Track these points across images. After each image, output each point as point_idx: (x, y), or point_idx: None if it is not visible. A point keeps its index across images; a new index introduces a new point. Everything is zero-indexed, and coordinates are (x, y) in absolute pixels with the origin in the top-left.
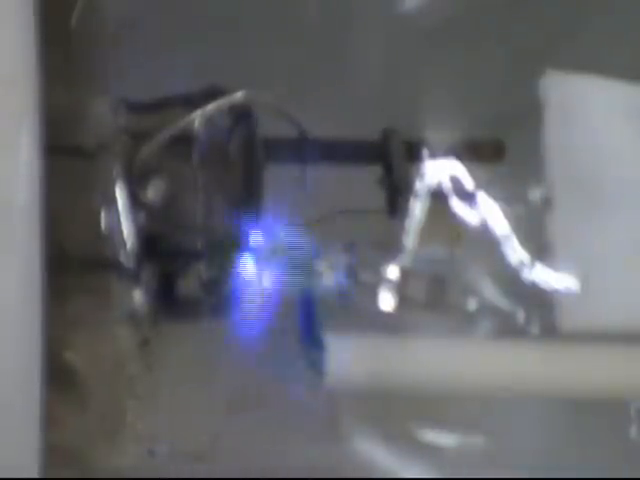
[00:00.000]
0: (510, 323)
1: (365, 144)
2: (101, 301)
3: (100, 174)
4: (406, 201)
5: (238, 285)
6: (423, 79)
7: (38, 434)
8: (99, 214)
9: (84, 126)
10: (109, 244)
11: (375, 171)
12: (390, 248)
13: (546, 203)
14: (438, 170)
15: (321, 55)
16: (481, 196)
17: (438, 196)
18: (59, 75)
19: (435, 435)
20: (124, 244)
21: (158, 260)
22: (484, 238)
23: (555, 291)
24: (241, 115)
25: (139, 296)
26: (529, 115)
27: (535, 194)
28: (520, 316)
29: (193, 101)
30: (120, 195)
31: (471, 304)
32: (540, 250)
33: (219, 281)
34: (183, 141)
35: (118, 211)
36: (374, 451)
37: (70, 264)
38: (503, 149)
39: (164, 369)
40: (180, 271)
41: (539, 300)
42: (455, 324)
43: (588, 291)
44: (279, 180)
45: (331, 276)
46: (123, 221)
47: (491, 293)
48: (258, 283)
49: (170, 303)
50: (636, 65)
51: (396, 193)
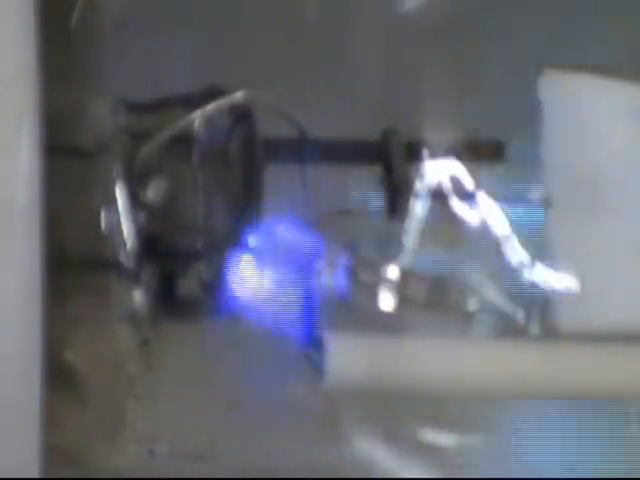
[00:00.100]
0: (510, 323)
1: (365, 144)
2: (101, 301)
3: (100, 174)
4: (406, 201)
5: (238, 285)
6: (423, 79)
7: (38, 434)
8: (99, 214)
9: (84, 126)
10: (109, 244)
11: (375, 171)
12: (390, 248)
13: (546, 203)
14: (438, 170)
15: (321, 55)
16: (481, 196)
17: (438, 196)
18: (59, 75)
19: (435, 435)
20: (124, 244)
21: (158, 260)
22: (484, 238)
23: (555, 291)
24: (241, 115)
25: (139, 296)
26: (529, 115)
27: (535, 194)
28: (520, 316)
29: (193, 101)
30: (120, 195)
31: (471, 304)
32: (540, 250)
33: (219, 281)
34: (183, 141)
35: (118, 211)
36: (374, 451)
37: (70, 264)
38: (503, 149)
39: (164, 369)
40: (180, 271)
41: (539, 300)
42: (455, 324)
43: (588, 291)
44: (279, 180)
45: (331, 276)
46: (123, 221)
47: (491, 293)
48: (258, 283)
49: (170, 303)
50: (636, 65)
51: (396, 193)
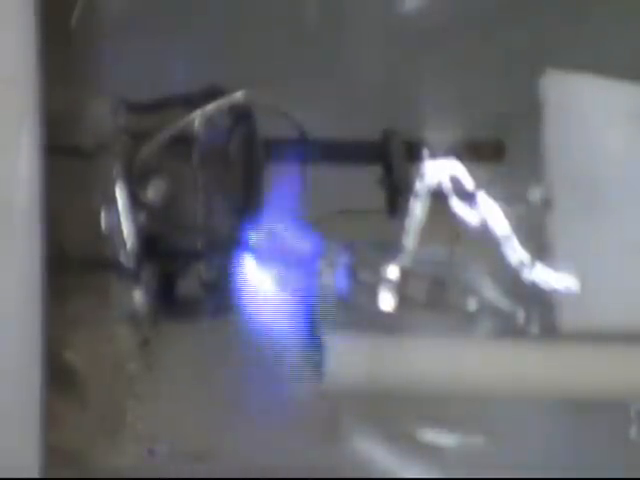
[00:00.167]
0: (510, 323)
1: (365, 144)
2: (101, 301)
3: (100, 174)
4: (406, 201)
5: (238, 285)
6: (423, 79)
7: (38, 434)
8: (99, 214)
9: (84, 126)
10: (109, 244)
11: (375, 171)
12: (390, 248)
13: (546, 203)
14: (438, 170)
15: (321, 55)
16: (481, 196)
17: (438, 196)
18: (59, 75)
19: (435, 435)
20: (124, 244)
21: (158, 260)
22: (484, 238)
23: (555, 291)
24: (241, 115)
25: (139, 296)
26: (529, 115)
27: (535, 194)
28: (520, 316)
29: (193, 101)
30: (120, 195)
31: (471, 304)
32: (540, 250)
33: (219, 281)
34: (183, 141)
35: (118, 211)
36: (374, 451)
37: (70, 264)
38: (503, 149)
39: (164, 369)
40: (180, 271)
41: (539, 300)
42: (455, 324)
43: (588, 291)
44: (279, 180)
45: (331, 276)
46: (123, 221)
47: (491, 293)
48: (258, 283)
49: (170, 303)
50: (636, 65)
51: (396, 193)
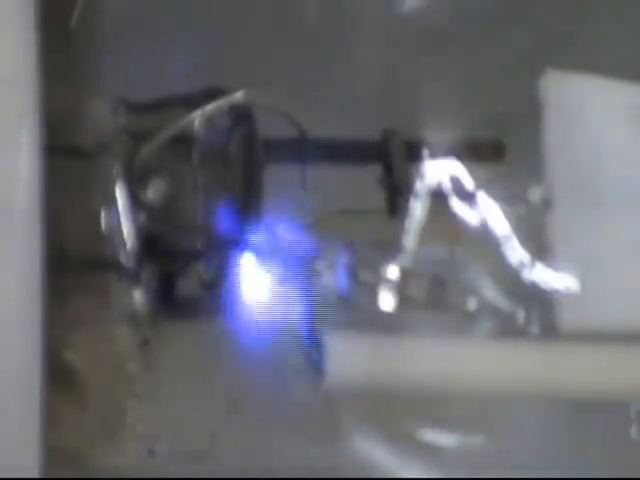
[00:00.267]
0: (510, 323)
1: (365, 144)
2: (101, 301)
3: (100, 174)
4: (406, 201)
5: (238, 285)
6: (423, 79)
7: (38, 434)
8: (99, 214)
9: (84, 126)
10: (109, 244)
11: (375, 171)
12: (390, 248)
13: (546, 203)
14: (438, 170)
15: (321, 55)
16: (481, 196)
17: (438, 196)
18: (59, 75)
19: (435, 435)
20: (124, 244)
21: (158, 260)
22: (484, 238)
23: (555, 291)
24: (241, 115)
25: (139, 296)
26: (529, 115)
27: (535, 194)
28: (520, 316)
29: (193, 101)
30: (120, 195)
31: (471, 304)
32: (540, 250)
33: (219, 281)
34: (183, 141)
35: (118, 211)
36: (374, 451)
37: (70, 264)
38: (503, 149)
39: (164, 369)
40: (180, 271)
41: (539, 300)
42: (455, 324)
43: (588, 291)
44: (279, 180)
45: (331, 276)
46: (123, 221)
47: (491, 293)
48: (258, 283)
49: (170, 303)
50: (636, 65)
51: (396, 193)
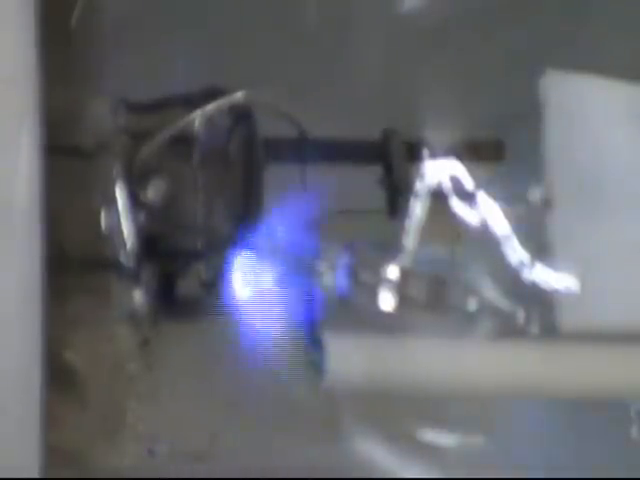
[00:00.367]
0: (510, 323)
1: (365, 144)
2: (101, 301)
3: (100, 174)
4: (406, 201)
5: (238, 285)
6: (423, 79)
7: (38, 434)
8: (99, 214)
9: (84, 126)
10: (109, 244)
11: (375, 171)
12: (390, 248)
13: (546, 203)
14: (438, 170)
15: (321, 55)
16: (481, 196)
17: (438, 196)
18: (59, 75)
19: (435, 435)
20: (124, 244)
21: (158, 260)
22: (484, 238)
23: (555, 291)
24: (241, 115)
25: (139, 296)
26: (529, 115)
27: (535, 194)
28: (520, 316)
29: (193, 101)
30: (120, 195)
31: (471, 304)
32: (540, 250)
33: (219, 281)
34: (183, 141)
35: (118, 211)
36: (374, 451)
37: (70, 264)
38: (503, 149)
39: (164, 369)
40: (180, 271)
41: (539, 300)
42: (455, 324)
43: (588, 291)
44: (279, 180)
45: (331, 276)
46: (123, 221)
47: (491, 293)
48: (258, 283)
49: (170, 303)
50: (636, 65)
51: (396, 193)
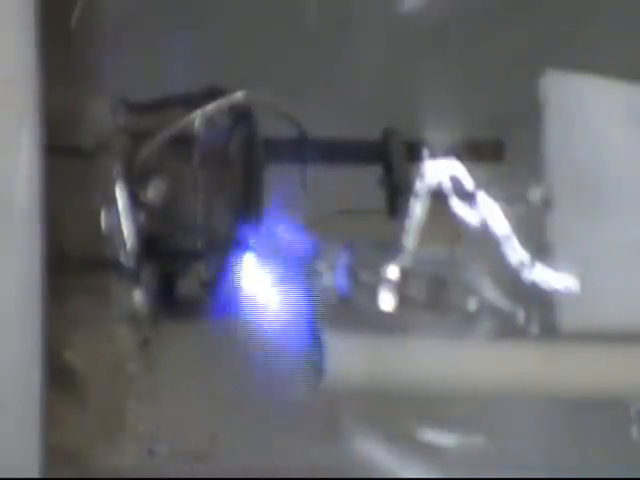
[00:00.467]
0: (510, 323)
1: (365, 144)
2: (101, 301)
3: (100, 174)
4: (406, 201)
5: (238, 285)
6: (423, 79)
7: (38, 434)
8: (99, 214)
9: (84, 126)
10: (109, 244)
11: (375, 171)
12: (390, 248)
13: (546, 203)
14: (438, 170)
15: (321, 55)
16: (481, 196)
17: (438, 196)
18: (59, 75)
19: (435, 435)
20: (124, 244)
21: (158, 260)
22: (484, 238)
23: (555, 291)
24: (241, 115)
25: (139, 296)
26: (529, 115)
27: (535, 194)
28: (520, 316)
29: (193, 101)
30: (120, 195)
31: (471, 304)
32: (540, 250)
33: (219, 281)
34: (183, 141)
35: (118, 211)
36: (374, 451)
37: (70, 264)
38: (503, 149)
39: (164, 369)
40: (180, 271)
41: (539, 300)
42: (455, 324)
43: (588, 291)
44: (279, 180)
45: (331, 276)
46: (123, 221)
47: (491, 293)
48: (258, 283)
49: (170, 303)
50: (636, 65)
51: (396, 193)
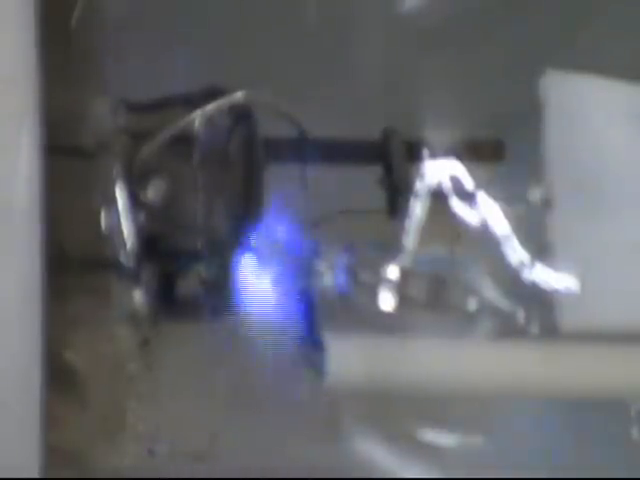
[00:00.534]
0: (510, 323)
1: (365, 144)
2: (101, 301)
3: (100, 174)
4: (406, 201)
5: (238, 285)
6: (423, 79)
7: (38, 434)
8: (99, 214)
9: (84, 126)
10: (109, 244)
11: (375, 171)
12: (390, 248)
13: (546, 203)
14: (438, 170)
15: (321, 55)
16: (481, 196)
17: (438, 196)
18: (59, 75)
19: (435, 435)
20: (124, 244)
21: (158, 260)
22: (484, 238)
23: (555, 291)
24: (241, 115)
25: (139, 296)
26: (529, 115)
27: (535, 194)
28: (520, 316)
29: (193, 101)
30: (120, 195)
31: (471, 304)
32: (540, 250)
33: (219, 281)
34: (183, 141)
35: (118, 211)
36: (374, 451)
37: (70, 264)
38: (503, 149)
39: (164, 369)
40: (180, 271)
41: (539, 300)
42: (455, 324)
43: (588, 291)
44: (279, 180)
45: (331, 276)
46: (123, 221)
47: (491, 293)
48: (258, 283)
49: (170, 303)
50: (636, 65)
51: (396, 193)
